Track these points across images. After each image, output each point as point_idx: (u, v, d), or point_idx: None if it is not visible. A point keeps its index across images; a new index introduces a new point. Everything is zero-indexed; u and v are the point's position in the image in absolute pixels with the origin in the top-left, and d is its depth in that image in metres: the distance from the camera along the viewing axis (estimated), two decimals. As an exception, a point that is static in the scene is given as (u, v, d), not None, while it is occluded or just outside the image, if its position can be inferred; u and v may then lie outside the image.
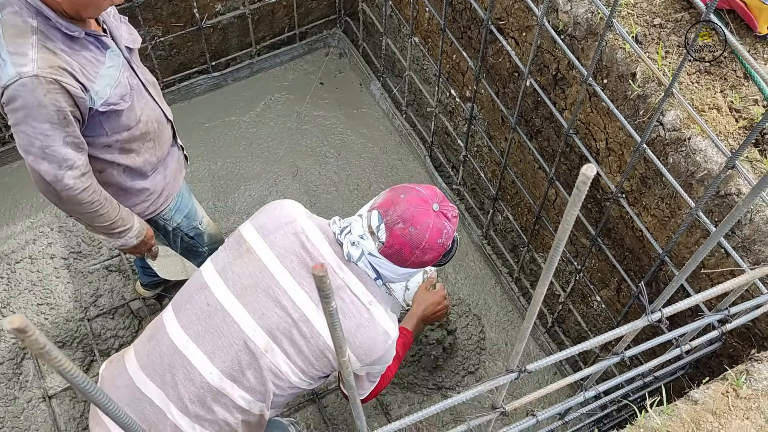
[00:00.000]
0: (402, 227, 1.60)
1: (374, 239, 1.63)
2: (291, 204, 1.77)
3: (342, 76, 3.76)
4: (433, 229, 1.61)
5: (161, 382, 1.58)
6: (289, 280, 1.61)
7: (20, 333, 0.44)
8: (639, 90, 1.84)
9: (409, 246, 1.61)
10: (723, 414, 1.40)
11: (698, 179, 1.75)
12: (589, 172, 0.60)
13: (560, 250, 0.68)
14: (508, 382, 1.07)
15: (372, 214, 1.64)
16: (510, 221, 2.94)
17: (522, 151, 2.65)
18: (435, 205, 1.63)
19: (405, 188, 1.66)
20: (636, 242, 2.12)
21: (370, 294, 1.66)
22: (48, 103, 1.64)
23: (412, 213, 1.60)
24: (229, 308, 1.58)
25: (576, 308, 2.68)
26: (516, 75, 2.47)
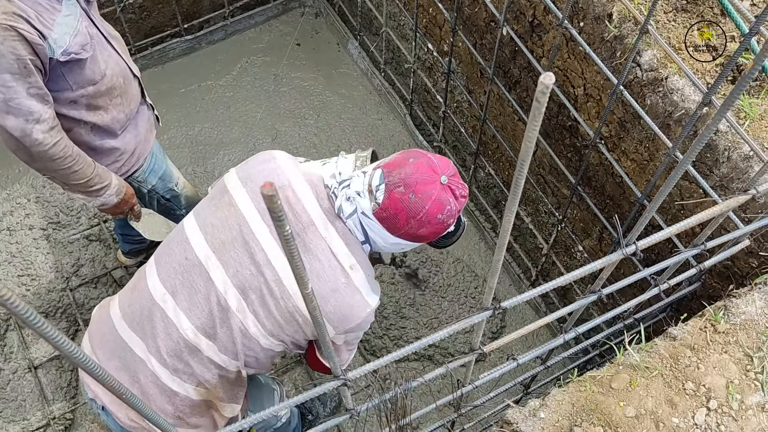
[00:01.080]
0: (402, 191, 1.48)
1: (371, 198, 1.51)
2: (281, 155, 1.66)
3: (319, 36, 3.70)
4: (435, 201, 1.48)
5: (141, 333, 1.57)
6: (266, 236, 1.54)
7: None
8: (615, 31, 1.81)
9: (405, 213, 1.50)
10: (701, 349, 1.41)
11: (676, 119, 1.73)
12: (548, 81, 0.58)
13: (525, 170, 0.66)
14: (484, 320, 1.06)
15: (375, 173, 1.53)
16: (492, 177, 2.93)
17: (501, 104, 2.62)
18: (444, 177, 1.49)
19: (417, 153, 1.53)
20: (616, 188, 2.12)
21: (353, 257, 1.56)
22: (6, 51, 1.59)
23: (416, 179, 1.47)
24: (205, 263, 1.54)
25: (560, 260, 2.68)
26: (493, 25, 2.43)
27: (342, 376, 0.96)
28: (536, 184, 2.57)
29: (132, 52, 3.28)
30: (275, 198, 0.53)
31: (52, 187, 3.00)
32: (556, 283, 1.06)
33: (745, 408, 1.34)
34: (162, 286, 1.56)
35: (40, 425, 2.59)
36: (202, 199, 1.70)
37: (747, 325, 1.43)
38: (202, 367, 1.56)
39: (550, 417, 1.34)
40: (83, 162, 1.88)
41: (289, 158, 1.66)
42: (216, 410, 1.68)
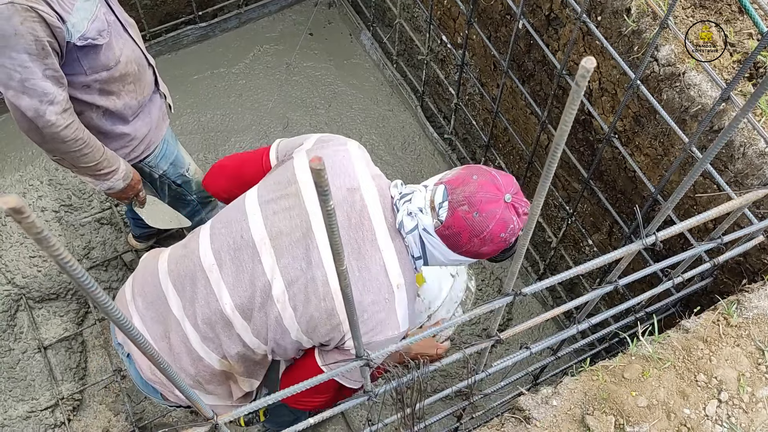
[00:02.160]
0: (466, 210, 1.45)
1: (433, 215, 1.49)
2: (354, 149, 1.62)
3: (331, 26, 3.70)
4: (499, 220, 1.46)
5: (182, 293, 1.59)
6: (326, 237, 1.48)
7: (16, 213, 0.43)
8: (634, 25, 1.82)
9: (469, 232, 1.47)
10: (714, 341, 1.43)
11: (692, 114, 1.74)
12: (589, 65, 0.59)
13: (560, 149, 0.68)
14: (504, 305, 1.07)
15: (438, 189, 1.50)
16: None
17: (514, 97, 2.63)
18: (507, 195, 1.47)
19: (480, 170, 1.50)
20: (629, 183, 2.13)
21: (402, 277, 1.53)
22: (25, 31, 1.60)
23: (480, 198, 1.45)
24: (259, 247, 1.53)
25: (568, 254, 2.69)
26: (508, 18, 2.44)
27: (364, 357, 0.98)
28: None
29: (146, 38, 3.29)
30: (322, 173, 0.54)
31: (64, 170, 3.02)
32: (577, 270, 1.07)
33: (755, 401, 1.35)
34: (212, 256, 1.56)
35: (48, 405, 2.62)
36: (268, 174, 1.68)
37: (759, 320, 1.44)
38: (230, 342, 1.57)
39: (563, 405, 1.36)
40: (93, 146, 1.90)
41: (362, 155, 1.63)
42: (234, 382, 1.70)
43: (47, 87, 1.71)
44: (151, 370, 1.67)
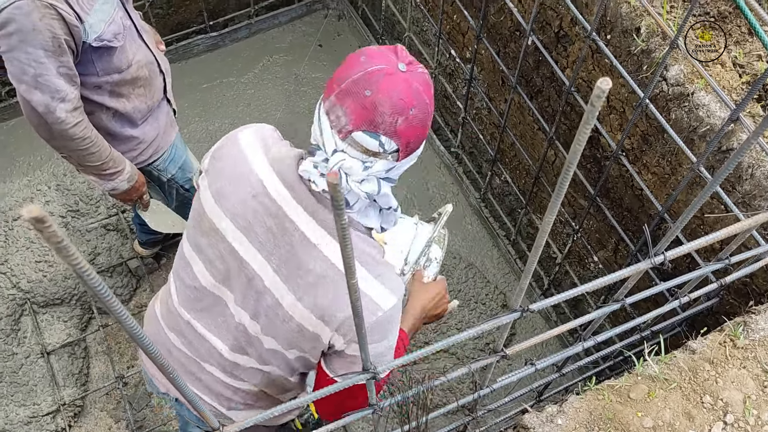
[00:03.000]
0: (405, 119, 1.21)
1: (383, 156, 1.25)
2: (249, 143, 1.39)
3: (341, 38, 3.72)
4: (424, 92, 1.24)
5: (187, 346, 1.57)
6: (257, 258, 1.38)
7: (38, 223, 0.44)
8: (643, 45, 1.83)
9: (422, 126, 1.25)
10: (720, 363, 1.42)
11: (700, 135, 1.75)
12: (605, 86, 0.59)
13: (573, 168, 0.68)
14: (511, 321, 1.07)
15: (356, 138, 1.22)
16: (508, 184, 2.94)
17: (522, 113, 2.64)
18: (401, 65, 1.23)
19: (363, 79, 1.20)
20: (635, 201, 2.13)
21: (362, 267, 1.35)
22: (43, 28, 1.62)
23: (398, 98, 1.20)
24: (215, 292, 1.46)
25: (573, 270, 2.69)
26: (517, 34, 2.45)
27: (371, 370, 0.98)
28: (553, 194, 2.58)
29: (156, 45, 3.32)
30: (338, 187, 0.55)
31: (72, 175, 3.03)
32: (585, 288, 1.07)
33: (761, 423, 1.34)
34: (185, 311, 1.53)
35: (50, 410, 2.61)
36: (189, 218, 1.51)
37: (766, 342, 1.44)
38: (250, 374, 1.54)
39: (567, 424, 1.35)
40: (100, 145, 1.92)
41: (255, 141, 1.40)
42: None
43: (60, 84, 1.73)
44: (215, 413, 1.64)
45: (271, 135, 1.44)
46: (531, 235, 2.96)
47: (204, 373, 1.57)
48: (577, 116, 2.26)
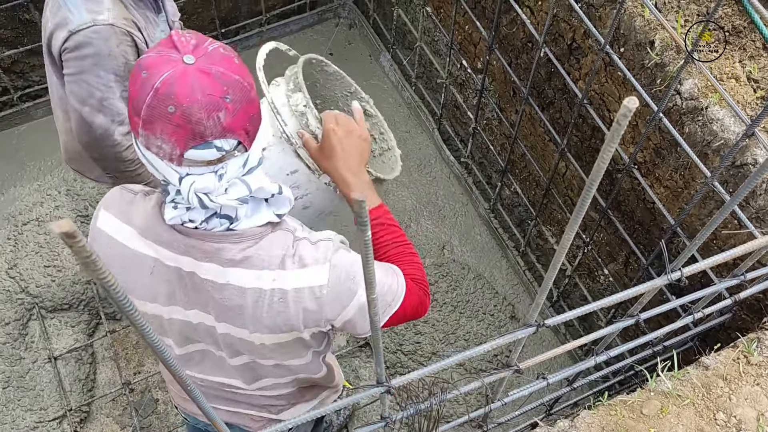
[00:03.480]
0: (225, 112, 1.07)
1: (230, 155, 1.12)
2: (110, 228, 1.28)
3: (352, 47, 3.73)
4: (228, 70, 1.08)
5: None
6: (198, 315, 1.31)
7: (68, 238, 0.44)
8: (657, 58, 1.82)
9: (248, 103, 1.10)
10: (733, 380, 1.41)
11: (714, 149, 1.74)
12: (632, 104, 0.59)
13: (596, 183, 0.68)
14: (526, 336, 1.07)
15: (191, 157, 1.09)
16: (518, 195, 2.94)
17: (533, 124, 2.64)
18: (186, 57, 1.07)
19: (156, 98, 1.05)
20: (647, 214, 2.12)
21: (279, 269, 1.24)
22: (118, 54, 1.65)
23: (204, 95, 1.05)
24: (196, 349, 1.41)
25: (582, 282, 2.68)
26: (530, 45, 2.45)
27: (386, 383, 0.97)
28: (564, 206, 2.57)
29: (168, 52, 3.33)
30: (364, 204, 0.55)
31: (82, 180, 3.04)
32: (600, 304, 1.07)
33: (776, 442, 1.33)
34: (190, 372, 1.48)
35: (56, 416, 2.61)
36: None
37: (780, 359, 1.43)
38: (277, 389, 1.51)
39: (579, 438, 1.34)
40: (144, 167, 1.95)
41: (115, 221, 1.28)
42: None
43: (121, 107, 1.76)
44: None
45: (121, 199, 1.30)
46: (540, 246, 2.95)
47: (239, 396, 1.55)
48: (589, 128, 2.26)
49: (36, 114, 3.22)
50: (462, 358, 1.02)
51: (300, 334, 1.33)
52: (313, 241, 1.28)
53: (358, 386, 1.48)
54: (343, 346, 2.87)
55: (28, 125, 3.22)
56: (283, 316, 1.27)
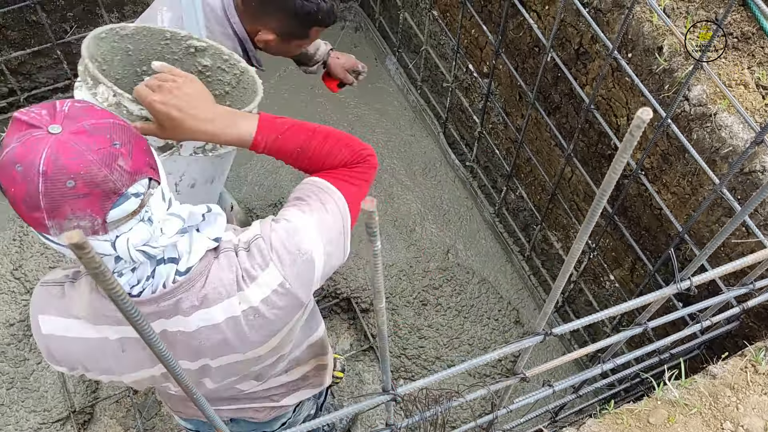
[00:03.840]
0: (122, 157, 1.00)
1: (148, 196, 1.06)
2: (60, 328, 1.19)
3: (357, 50, 3.73)
4: (93, 116, 1.02)
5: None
6: (183, 365, 1.28)
7: (78, 249, 0.43)
8: (665, 64, 1.81)
9: (135, 140, 1.05)
10: (741, 389, 1.40)
11: (722, 156, 1.73)
12: (645, 116, 0.58)
13: (607, 194, 0.67)
14: (533, 345, 1.06)
15: (113, 219, 1.02)
16: (523, 200, 2.93)
17: (539, 128, 2.63)
18: (52, 128, 0.98)
19: (50, 183, 0.96)
20: (653, 221, 2.11)
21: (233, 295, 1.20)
22: None
23: (95, 151, 0.98)
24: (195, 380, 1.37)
25: (587, 288, 2.67)
26: (536, 50, 2.44)
27: (392, 391, 0.96)
28: (569, 211, 2.56)
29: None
30: (374, 215, 0.54)
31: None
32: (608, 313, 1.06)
33: (784, 452, 1.32)
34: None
35: (60, 417, 2.61)
36: None
37: (789, 368, 1.42)
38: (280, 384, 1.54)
39: (585, 447, 1.34)
40: None
41: (60, 321, 1.20)
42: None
43: None
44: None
45: (50, 297, 1.20)
46: (545, 251, 2.94)
47: (242, 395, 1.55)
48: (595, 133, 2.25)
49: (42, 115, 3.23)
50: (468, 367, 1.01)
51: (293, 324, 1.32)
52: (245, 247, 1.22)
53: (364, 394, 1.47)
54: (346, 350, 2.87)
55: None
56: (267, 327, 1.27)
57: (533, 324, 2.97)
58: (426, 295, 2.98)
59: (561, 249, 2.77)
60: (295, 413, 1.71)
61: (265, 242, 1.22)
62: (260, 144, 1.31)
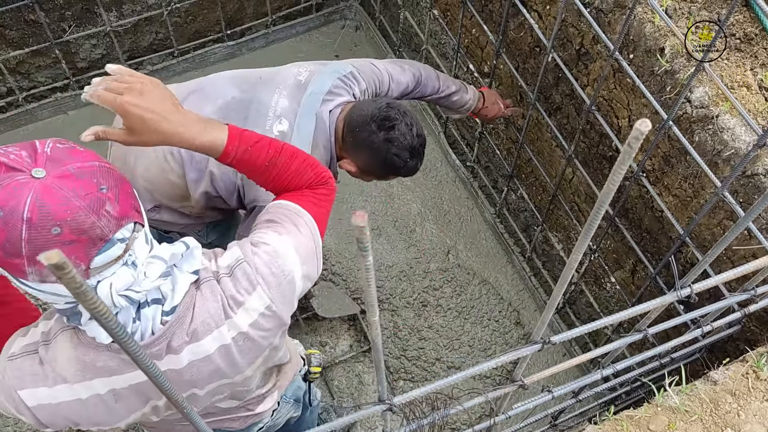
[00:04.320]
0: (109, 201, 0.98)
1: (132, 239, 1.04)
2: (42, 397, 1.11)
3: (357, 48, 3.71)
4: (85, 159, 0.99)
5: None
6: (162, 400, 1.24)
7: (58, 269, 0.42)
8: (667, 65, 1.80)
9: (124, 188, 1.03)
10: (742, 395, 1.38)
11: (724, 158, 1.71)
12: (643, 127, 0.57)
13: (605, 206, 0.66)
14: (531, 354, 1.05)
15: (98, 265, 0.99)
16: (524, 200, 2.91)
17: (540, 129, 2.61)
18: (35, 171, 0.95)
19: (36, 231, 0.93)
20: (655, 223, 2.09)
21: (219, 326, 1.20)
22: None
23: (83, 196, 0.95)
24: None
25: (588, 289, 2.65)
26: (537, 50, 2.43)
27: (387, 401, 0.95)
28: (570, 212, 2.55)
29: (174, 55, 3.32)
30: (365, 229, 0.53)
31: (87, 182, 3.04)
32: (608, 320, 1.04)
33: (785, 460, 1.31)
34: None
35: (59, 418, 2.60)
36: None
37: (791, 375, 1.40)
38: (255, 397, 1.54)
39: (585, 454, 1.32)
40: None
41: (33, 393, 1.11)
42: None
43: None
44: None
45: (26, 368, 1.12)
46: (546, 252, 2.93)
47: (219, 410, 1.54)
48: (596, 134, 2.23)
49: (41, 115, 3.22)
50: (464, 377, 1.00)
51: (276, 343, 1.33)
52: (227, 272, 1.20)
53: (361, 404, 1.46)
54: (346, 351, 2.86)
55: (34, 126, 3.21)
56: (255, 350, 1.27)
57: (533, 326, 2.96)
58: (426, 296, 2.97)
59: (562, 250, 2.75)
60: (273, 417, 1.71)
61: (250, 266, 1.21)
62: (231, 154, 1.27)
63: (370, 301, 0.66)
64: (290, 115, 1.80)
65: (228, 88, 1.87)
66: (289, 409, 1.84)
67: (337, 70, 1.92)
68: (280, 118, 1.79)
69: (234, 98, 1.84)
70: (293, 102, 1.81)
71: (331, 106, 1.85)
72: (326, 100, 1.84)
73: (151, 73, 3.33)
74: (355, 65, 1.99)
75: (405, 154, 1.85)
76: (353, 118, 1.83)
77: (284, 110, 1.80)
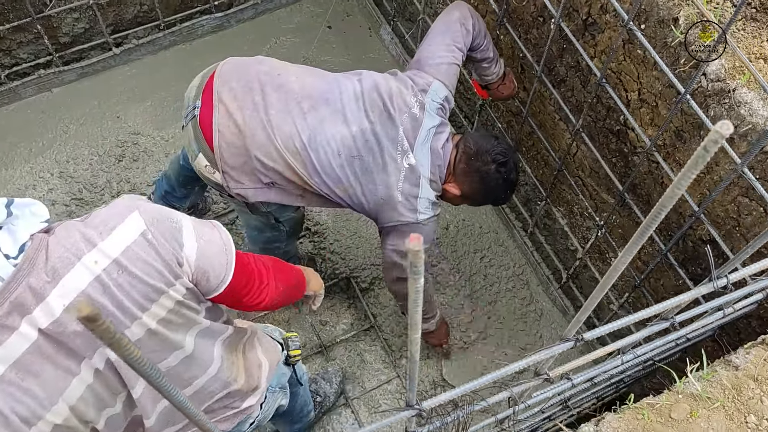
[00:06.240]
0: None
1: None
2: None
3: (350, 19, 3.60)
4: None
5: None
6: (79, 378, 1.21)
7: (90, 322, 0.36)
8: (681, 36, 1.73)
9: None
10: (765, 381, 1.36)
11: (741, 134, 1.66)
12: (725, 130, 0.51)
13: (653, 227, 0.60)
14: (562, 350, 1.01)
15: None
16: (525, 174, 2.86)
17: (542, 102, 2.55)
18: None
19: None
20: (664, 198, 2.05)
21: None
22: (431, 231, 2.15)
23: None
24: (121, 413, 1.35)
25: (593, 264, 2.62)
26: (541, 20, 2.35)
27: (416, 406, 0.91)
28: (575, 186, 2.50)
29: (161, 27, 3.20)
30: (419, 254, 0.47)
31: (75, 162, 2.94)
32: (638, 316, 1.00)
33: (810, 445, 1.29)
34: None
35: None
36: None
37: (814, 358, 1.38)
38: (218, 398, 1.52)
39: (606, 444, 1.30)
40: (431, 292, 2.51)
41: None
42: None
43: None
44: None
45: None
46: (548, 226, 2.89)
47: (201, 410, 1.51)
48: (603, 108, 2.17)
49: (25, 93, 3.10)
50: (493, 378, 0.96)
51: (170, 291, 1.23)
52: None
53: (387, 410, 1.42)
54: (347, 330, 2.82)
55: (17, 104, 3.10)
56: (140, 288, 1.18)
57: (534, 299, 2.93)
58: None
59: (566, 225, 2.71)
60: (262, 410, 1.68)
61: (129, 198, 1.23)
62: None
63: (414, 320, 0.60)
64: (413, 150, 2.02)
65: (359, 113, 2.02)
66: (277, 397, 1.83)
67: (435, 97, 2.09)
68: (406, 153, 2.00)
69: (364, 130, 2.00)
70: (410, 137, 2.01)
71: (442, 139, 2.08)
72: (438, 133, 2.07)
73: (137, 47, 3.21)
74: (444, 82, 2.13)
75: (508, 186, 2.14)
76: (470, 149, 2.09)
77: (408, 145, 2.01)
